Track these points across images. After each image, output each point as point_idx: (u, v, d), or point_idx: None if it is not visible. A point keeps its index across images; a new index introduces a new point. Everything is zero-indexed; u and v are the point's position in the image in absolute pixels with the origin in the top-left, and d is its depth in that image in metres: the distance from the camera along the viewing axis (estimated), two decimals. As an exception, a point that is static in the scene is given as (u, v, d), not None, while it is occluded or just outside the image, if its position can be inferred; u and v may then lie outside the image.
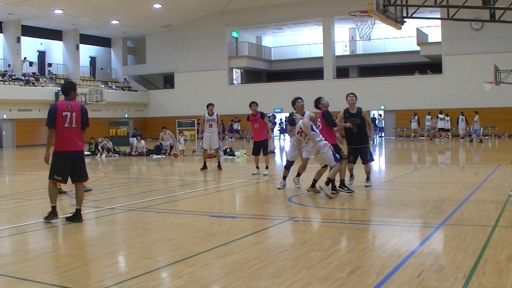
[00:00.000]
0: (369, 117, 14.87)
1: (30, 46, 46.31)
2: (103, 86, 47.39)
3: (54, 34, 47.86)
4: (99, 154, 27.61)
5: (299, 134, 11.17)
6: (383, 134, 44.39)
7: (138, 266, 6.17)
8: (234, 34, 51.03)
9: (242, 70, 52.27)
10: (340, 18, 44.37)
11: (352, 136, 12.16)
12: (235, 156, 24.31)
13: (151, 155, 26.34)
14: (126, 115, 49.17)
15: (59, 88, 42.82)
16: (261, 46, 54.29)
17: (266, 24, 49.43)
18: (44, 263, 6.44)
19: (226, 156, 23.95)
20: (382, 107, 43.04)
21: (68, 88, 9.02)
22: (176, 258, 6.49)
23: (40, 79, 44.94)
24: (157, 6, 43.24)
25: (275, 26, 50.79)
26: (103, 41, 53.46)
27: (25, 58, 45.01)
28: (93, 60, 53.61)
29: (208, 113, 17.89)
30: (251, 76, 53.50)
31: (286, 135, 40.82)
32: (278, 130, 45.20)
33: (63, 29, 47.64)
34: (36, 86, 42.85)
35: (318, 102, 12.11)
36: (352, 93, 12.38)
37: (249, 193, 11.47)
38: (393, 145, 33.62)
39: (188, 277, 5.66)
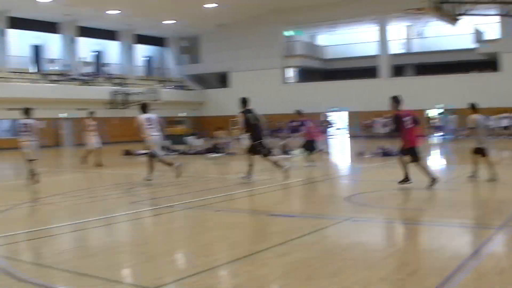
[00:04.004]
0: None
1: (86, 46, 47.15)
2: (158, 85, 47.95)
3: (109, 35, 48.65)
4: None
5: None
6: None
7: (196, 263, 6.26)
8: (290, 33, 50.91)
9: (296, 69, 52.09)
10: (395, 16, 43.77)
11: None
12: (291, 155, 23.95)
13: (207, 154, 26.47)
14: (184, 114, 49.51)
15: (115, 88, 44.02)
16: (315, 45, 54.04)
17: (319, 23, 49.17)
18: (104, 259, 6.59)
19: (283, 156, 23.55)
20: (442, 105, 41.75)
21: None
22: (234, 256, 6.54)
23: (97, 79, 45.81)
24: (211, 5, 43.51)
25: (329, 25, 50.45)
26: (158, 41, 54.10)
27: (80, 58, 45.79)
28: (148, 59, 54.37)
29: None
30: (306, 74, 53.22)
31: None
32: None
33: (118, 30, 48.42)
34: (93, 85, 43.73)
35: None
36: None
37: (306, 192, 11.44)
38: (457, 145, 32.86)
39: (246, 275, 5.71)
